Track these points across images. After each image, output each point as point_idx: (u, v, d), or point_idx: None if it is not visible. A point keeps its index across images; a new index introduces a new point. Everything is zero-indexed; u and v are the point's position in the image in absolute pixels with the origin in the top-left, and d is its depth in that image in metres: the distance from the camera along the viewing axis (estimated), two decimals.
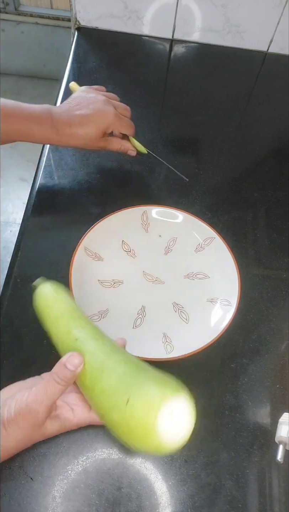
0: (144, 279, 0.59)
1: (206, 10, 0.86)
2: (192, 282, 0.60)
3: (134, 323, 0.56)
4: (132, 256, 0.61)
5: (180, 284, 0.59)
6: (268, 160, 0.77)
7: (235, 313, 0.55)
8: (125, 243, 0.62)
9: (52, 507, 0.44)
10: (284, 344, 0.56)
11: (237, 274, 0.58)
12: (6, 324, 0.54)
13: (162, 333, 0.55)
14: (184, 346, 0.53)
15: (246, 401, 0.52)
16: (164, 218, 0.64)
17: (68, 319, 0.43)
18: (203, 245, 0.62)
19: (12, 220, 1.64)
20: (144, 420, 0.36)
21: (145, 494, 0.45)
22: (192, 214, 0.63)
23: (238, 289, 0.57)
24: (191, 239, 0.63)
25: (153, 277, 0.59)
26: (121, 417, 0.37)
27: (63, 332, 0.43)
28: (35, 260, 0.60)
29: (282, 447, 0.46)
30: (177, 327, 0.56)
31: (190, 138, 0.78)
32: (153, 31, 0.91)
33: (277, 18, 0.86)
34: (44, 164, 0.70)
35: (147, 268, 0.60)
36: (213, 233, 0.61)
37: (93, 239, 0.59)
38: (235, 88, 0.88)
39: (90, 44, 0.91)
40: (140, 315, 0.56)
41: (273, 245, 0.65)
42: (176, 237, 0.63)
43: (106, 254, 0.60)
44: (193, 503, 0.46)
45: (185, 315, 0.57)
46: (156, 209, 0.64)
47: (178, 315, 0.57)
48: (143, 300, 0.58)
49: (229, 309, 0.56)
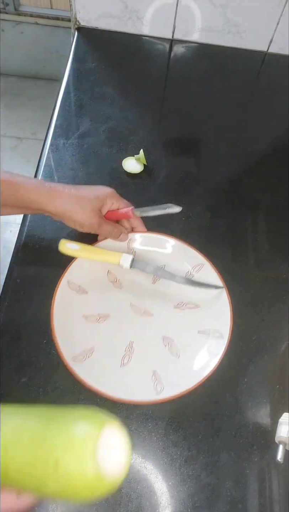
0: (131, 311, 0.56)
1: (205, 10, 0.86)
2: (182, 313, 0.56)
3: (121, 361, 0.52)
4: (118, 286, 0.58)
5: (169, 316, 0.56)
6: (268, 161, 0.77)
7: (227, 346, 0.52)
8: (111, 272, 0.59)
9: (52, 507, 0.44)
10: (284, 344, 0.56)
11: (228, 302, 0.55)
12: (6, 324, 0.54)
13: (151, 371, 0.52)
14: (175, 385, 0.50)
15: (246, 401, 0.52)
16: (150, 248, 0.60)
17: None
18: (192, 272, 0.59)
19: (12, 220, 1.64)
20: (84, 473, 0.29)
21: (145, 495, 0.45)
22: (180, 239, 0.60)
23: (230, 319, 0.54)
24: (180, 267, 0.59)
25: (140, 309, 0.56)
26: (58, 483, 0.30)
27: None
28: (35, 260, 0.60)
29: (282, 447, 0.46)
30: (167, 364, 0.52)
31: (190, 138, 0.78)
32: (153, 31, 0.91)
33: (277, 18, 0.86)
34: (44, 164, 0.70)
35: (134, 300, 0.57)
36: (202, 259, 0.59)
37: (76, 270, 0.56)
38: (235, 88, 0.88)
39: (90, 44, 0.91)
40: (128, 352, 0.53)
41: (273, 246, 0.65)
42: (164, 265, 0.60)
43: (91, 286, 0.57)
44: (193, 503, 0.46)
45: (175, 349, 0.53)
46: (142, 235, 0.60)
47: (168, 350, 0.53)
48: (131, 335, 0.54)
49: (221, 341, 0.53)
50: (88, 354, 0.52)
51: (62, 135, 0.73)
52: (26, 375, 0.51)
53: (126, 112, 0.79)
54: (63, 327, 0.52)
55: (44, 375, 0.51)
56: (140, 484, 0.46)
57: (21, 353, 0.52)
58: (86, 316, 0.55)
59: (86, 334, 0.53)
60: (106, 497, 0.45)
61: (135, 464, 0.47)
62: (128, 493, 0.45)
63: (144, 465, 0.47)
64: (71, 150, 0.72)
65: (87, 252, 0.57)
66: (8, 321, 0.54)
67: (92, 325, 0.54)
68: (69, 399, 0.49)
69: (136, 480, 0.46)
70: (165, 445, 0.48)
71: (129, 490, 0.45)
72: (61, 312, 0.53)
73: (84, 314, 0.55)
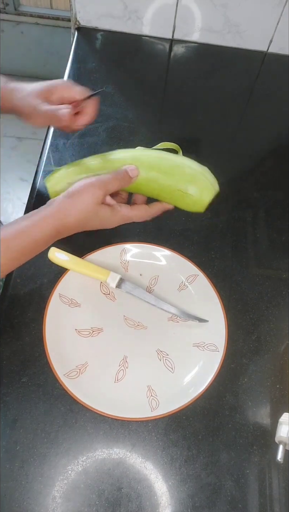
0: (125, 324, 0.55)
1: (205, 10, 0.86)
2: (176, 325, 0.56)
3: (116, 377, 0.51)
4: (112, 299, 0.57)
5: (164, 328, 0.55)
6: (268, 160, 0.77)
7: (222, 360, 0.52)
8: (104, 285, 0.58)
9: (52, 507, 0.44)
10: (284, 344, 0.56)
11: (222, 314, 0.55)
12: (6, 324, 0.54)
13: (146, 386, 0.51)
14: (170, 400, 0.49)
15: (246, 401, 0.52)
16: (143, 260, 0.60)
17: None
18: (186, 283, 0.58)
19: None
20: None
21: (145, 495, 0.45)
22: (173, 250, 0.60)
23: (224, 332, 0.54)
24: (173, 277, 0.59)
25: (134, 322, 0.55)
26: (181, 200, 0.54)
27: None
28: (35, 260, 0.60)
29: (282, 447, 0.46)
30: (162, 378, 0.52)
31: (189, 138, 0.78)
32: (153, 31, 0.91)
33: (277, 18, 0.86)
34: (44, 164, 0.70)
35: (128, 312, 0.56)
36: (196, 270, 0.58)
37: (69, 283, 0.56)
38: (235, 88, 0.88)
39: (90, 44, 0.91)
40: (123, 367, 0.52)
41: (273, 245, 0.65)
42: (157, 275, 0.59)
43: (84, 299, 0.56)
44: (193, 503, 0.46)
45: (170, 363, 0.53)
46: (135, 246, 0.60)
47: (163, 364, 0.53)
48: (125, 349, 0.53)
49: (216, 355, 0.52)
50: (82, 369, 0.51)
51: (62, 135, 0.73)
52: (26, 375, 0.51)
53: (126, 112, 0.79)
54: (55, 343, 0.51)
55: (44, 375, 0.51)
56: (140, 484, 0.46)
57: (21, 353, 0.52)
58: (79, 330, 0.54)
59: (79, 349, 0.53)
60: (106, 497, 0.45)
61: (135, 464, 0.47)
62: (128, 493, 0.45)
63: (144, 465, 0.47)
64: (71, 150, 0.72)
65: (76, 265, 0.56)
66: (8, 321, 0.54)
67: (85, 339, 0.54)
68: (70, 399, 0.49)
69: (136, 480, 0.46)
70: (165, 445, 0.48)
71: (129, 490, 0.45)
72: (53, 327, 0.52)
73: (76, 328, 0.54)
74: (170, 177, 0.53)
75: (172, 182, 0.53)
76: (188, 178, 0.53)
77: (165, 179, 0.53)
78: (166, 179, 0.53)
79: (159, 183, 0.54)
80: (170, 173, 0.53)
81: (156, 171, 0.53)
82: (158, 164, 0.54)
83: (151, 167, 0.53)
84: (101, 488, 0.45)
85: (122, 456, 0.47)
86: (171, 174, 0.53)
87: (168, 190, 0.54)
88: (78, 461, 0.47)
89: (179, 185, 0.53)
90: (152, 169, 0.53)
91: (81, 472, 0.46)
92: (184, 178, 0.53)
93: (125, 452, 0.47)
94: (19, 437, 0.47)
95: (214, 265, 0.61)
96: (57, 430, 0.48)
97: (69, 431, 0.48)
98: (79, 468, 0.46)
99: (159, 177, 0.53)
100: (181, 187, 0.53)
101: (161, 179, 0.53)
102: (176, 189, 0.53)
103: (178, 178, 0.53)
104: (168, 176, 0.53)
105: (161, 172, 0.53)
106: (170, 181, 0.53)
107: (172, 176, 0.53)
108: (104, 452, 0.47)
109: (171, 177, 0.53)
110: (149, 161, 0.54)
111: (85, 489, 0.45)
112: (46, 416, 0.49)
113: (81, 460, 0.47)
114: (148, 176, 0.53)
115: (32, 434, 0.47)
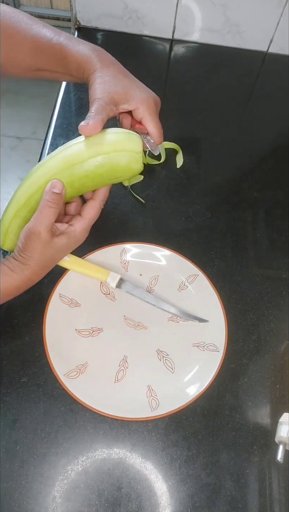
0: (125, 324, 0.55)
1: (205, 10, 0.86)
2: (176, 325, 0.56)
3: (116, 377, 0.51)
4: (112, 299, 0.57)
5: (164, 328, 0.55)
6: (268, 160, 0.77)
7: (222, 360, 0.52)
8: (104, 285, 0.58)
9: (52, 507, 0.44)
10: (284, 344, 0.56)
11: (222, 314, 0.55)
12: (6, 324, 0.54)
13: (146, 386, 0.51)
14: (170, 400, 0.50)
15: (246, 401, 0.52)
16: (143, 260, 0.60)
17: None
18: (186, 283, 0.58)
19: None
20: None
21: (144, 494, 0.45)
22: (173, 250, 0.60)
23: (224, 332, 0.54)
24: (173, 277, 0.59)
25: (134, 322, 0.55)
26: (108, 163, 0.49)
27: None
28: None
29: (282, 447, 0.46)
30: (162, 378, 0.52)
31: (189, 138, 0.78)
32: (153, 31, 0.91)
33: (277, 18, 0.86)
34: None
35: (128, 312, 0.56)
36: (196, 270, 0.58)
37: (69, 283, 0.56)
38: (235, 88, 0.88)
39: None
40: (123, 367, 0.52)
41: (273, 245, 0.65)
42: (157, 275, 0.59)
43: (84, 299, 0.56)
44: (193, 503, 0.46)
45: (170, 363, 0.53)
46: (135, 246, 0.60)
47: (163, 364, 0.53)
48: (125, 349, 0.53)
49: (216, 355, 0.53)
50: (82, 369, 0.51)
51: (63, 135, 0.73)
52: (26, 375, 0.51)
53: None
54: (55, 342, 0.51)
55: (44, 375, 0.51)
56: (140, 484, 0.46)
57: (21, 353, 0.52)
58: (79, 330, 0.54)
59: (79, 349, 0.53)
60: (106, 497, 0.45)
61: (135, 464, 0.47)
62: (128, 493, 0.45)
63: (144, 465, 0.47)
64: None
65: (77, 265, 0.56)
66: (8, 321, 0.54)
67: (85, 339, 0.54)
68: (70, 399, 0.49)
69: (136, 480, 0.46)
70: (164, 445, 0.48)
71: (129, 490, 0.45)
72: (53, 327, 0.52)
73: (76, 328, 0.54)
74: (93, 178, 0.50)
75: (99, 179, 0.50)
76: (108, 168, 0.49)
77: (92, 179, 0.50)
78: (92, 179, 0.50)
79: (90, 179, 0.50)
80: (90, 176, 0.49)
81: (77, 177, 0.49)
82: (71, 172, 0.49)
83: (71, 176, 0.49)
84: (101, 488, 0.45)
85: (122, 456, 0.47)
86: (91, 177, 0.49)
87: (101, 183, 0.51)
88: (78, 461, 0.47)
89: (107, 180, 0.51)
90: (72, 176, 0.49)
91: (81, 472, 0.46)
92: (105, 170, 0.49)
93: (125, 452, 0.47)
94: (19, 437, 0.47)
95: (214, 265, 0.62)
96: (57, 430, 0.48)
97: (69, 431, 0.48)
98: (79, 468, 0.46)
99: (84, 179, 0.50)
100: (111, 180, 0.51)
101: (87, 180, 0.50)
102: (107, 181, 0.51)
103: (101, 174, 0.49)
104: (90, 178, 0.50)
105: (82, 177, 0.49)
106: (97, 180, 0.50)
107: (93, 177, 0.49)
108: (104, 452, 0.47)
109: (94, 178, 0.50)
110: (58, 168, 0.49)
111: (85, 489, 0.45)
112: (46, 416, 0.49)
113: (81, 460, 0.47)
114: (73, 182, 0.49)
115: (32, 434, 0.47)
